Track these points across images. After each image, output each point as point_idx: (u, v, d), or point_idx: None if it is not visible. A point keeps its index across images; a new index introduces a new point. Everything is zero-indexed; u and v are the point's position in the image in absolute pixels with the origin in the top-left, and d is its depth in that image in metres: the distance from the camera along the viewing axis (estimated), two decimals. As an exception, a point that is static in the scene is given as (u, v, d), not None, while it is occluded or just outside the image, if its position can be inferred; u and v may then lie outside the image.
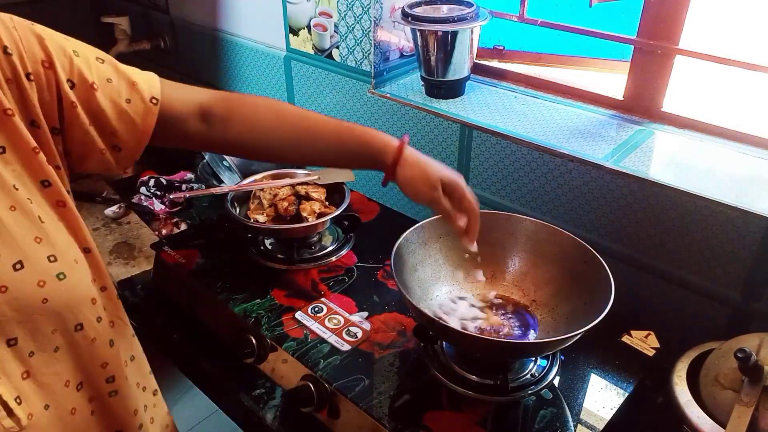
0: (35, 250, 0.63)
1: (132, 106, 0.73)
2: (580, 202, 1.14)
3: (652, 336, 1.05)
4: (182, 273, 1.21)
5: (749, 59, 1.04)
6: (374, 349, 1.01)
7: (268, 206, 1.27)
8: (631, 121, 1.19)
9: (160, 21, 1.97)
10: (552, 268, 1.02)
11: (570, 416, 0.91)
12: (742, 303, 1.01)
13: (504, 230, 1.06)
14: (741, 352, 0.77)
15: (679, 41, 1.11)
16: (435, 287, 1.05)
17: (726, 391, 0.82)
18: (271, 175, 1.34)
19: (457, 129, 1.27)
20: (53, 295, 0.64)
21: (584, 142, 1.13)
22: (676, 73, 1.14)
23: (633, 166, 1.05)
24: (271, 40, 1.60)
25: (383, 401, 0.92)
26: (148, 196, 1.54)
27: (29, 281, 0.62)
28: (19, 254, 0.62)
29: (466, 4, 1.29)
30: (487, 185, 1.28)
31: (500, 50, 1.50)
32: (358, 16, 1.35)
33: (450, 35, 1.24)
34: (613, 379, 0.98)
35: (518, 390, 0.92)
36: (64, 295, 0.66)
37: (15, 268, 0.61)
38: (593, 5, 1.30)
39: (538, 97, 1.31)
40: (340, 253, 1.26)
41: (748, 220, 0.95)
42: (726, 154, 1.08)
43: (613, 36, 1.20)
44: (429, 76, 1.31)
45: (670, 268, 1.07)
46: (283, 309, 1.10)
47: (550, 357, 0.99)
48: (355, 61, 1.40)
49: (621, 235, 1.11)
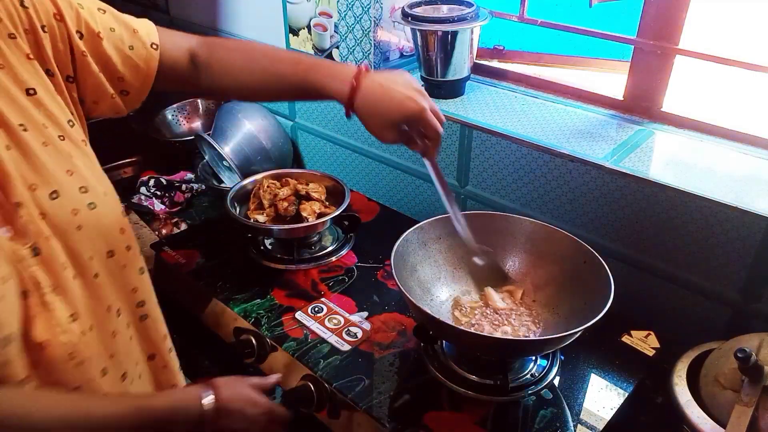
0: (68, 182, 0.68)
1: (135, 52, 0.78)
2: (580, 202, 1.14)
3: (652, 336, 1.05)
4: (182, 273, 1.21)
5: (749, 59, 1.04)
6: (374, 349, 1.01)
7: (268, 206, 1.27)
8: (631, 121, 1.19)
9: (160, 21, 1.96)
10: (552, 268, 1.02)
11: (570, 416, 0.91)
12: (742, 303, 1.01)
13: (504, 230, 1.06)
14: (741, 352, 0.76)
15: (679, 41, 1.11)
16: (435, 287, 1.05)
17: (726, 391, 0.82)
18: (271, 175, 1.34)
19: (457, 129, 1.27)
20: (86, 223, 0.69)
21: (584, 142, 1.13)
22: (676, 73, 1.14)
23: (633, 166, 1.05)
24: (271, 40, 1.60)
25: (383, 401, 0.92)
26: (148, 196, 1.54)
27: (65, 209, 0.67)
28: (54, 185, 0.66)
29: (466, 4, 1.29)
30: (487, 185, 1.28)
31: (500, 50, 1.50)
32: (358, 16, 1.35)
33: (450, 35, 1.24)
34: (613, 379, 0.98)
35: (518, 390, 0.92)
36: (96, 222, 0.70)
37: (51, 197, 0.66)
38: (593, 5, 1.30)
39: (538, 97, 1.31)
40: (340, 253, 1.26)
41: (748, 220, 0.95)
42: (726, 154, 1.08)
43: (613, 36, 1.20)
44: (429, 76, 1.31)
45: (670, 268, 1.07)
46: (283, 309, 1.10)
47: (550, 357, 0.99)
48: (355, 61, 1.40)
49: (621, 235, 1.11)
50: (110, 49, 0.75)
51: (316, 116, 1.59)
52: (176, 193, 1.55)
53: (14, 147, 0.64)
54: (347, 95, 0.81)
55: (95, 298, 0.71)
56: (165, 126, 1.84)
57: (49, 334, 0.65)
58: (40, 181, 0.65)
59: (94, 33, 0.74)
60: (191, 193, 1.57)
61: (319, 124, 1.59)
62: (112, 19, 0.77)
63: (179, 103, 1.87)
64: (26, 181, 0.64)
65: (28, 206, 0.64)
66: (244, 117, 1.56)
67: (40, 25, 0.68)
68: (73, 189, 0.68)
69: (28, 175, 0.65)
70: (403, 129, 0.84)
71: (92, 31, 0.73)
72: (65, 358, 0.67)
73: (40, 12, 0.68)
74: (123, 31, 0.77)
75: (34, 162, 0.65)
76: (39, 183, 0.65)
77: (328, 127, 1.57)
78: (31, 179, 0.65)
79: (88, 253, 0.70)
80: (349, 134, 1.52)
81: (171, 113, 1.86)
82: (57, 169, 0.67)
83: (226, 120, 1.57)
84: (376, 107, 0.81)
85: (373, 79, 0.82)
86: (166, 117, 1.85)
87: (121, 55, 0.77)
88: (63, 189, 0.67)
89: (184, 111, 1.88)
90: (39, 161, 0.66)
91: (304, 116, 1.62)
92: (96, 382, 0.71)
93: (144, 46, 0.79)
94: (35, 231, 0.64)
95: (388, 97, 0.81)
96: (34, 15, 0.67)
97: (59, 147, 0.68)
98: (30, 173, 0.65)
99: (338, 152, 1.57)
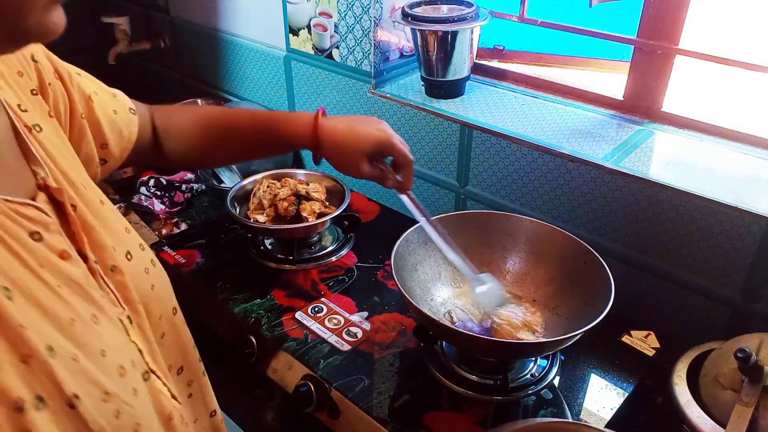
0: (131, 240, 0.64)
1: (119, 116, 0.74)
2: (580, 202, 1.14)
3: (652, 336, 1.05)
4: (182, 273, 1.21)
5: (749, 59, 1.04)
6: (374, 349, 1.01)
7: (268, 206, 1.27)
8: (631, 121, 1.19)
9: (160, 21, 1.97)
10: (552, 268, 1.02)
11: (570, 416, 0.91)
12: (742, 303, 1.01)
13: (504, 230, 1.06)
14: (741, 352, 0.77)
15: (679, 41, 1.11)
16: (435, 287, 1.05)
17: (726, 391, 0.82)
18: (271, 175, 1.35)
19: (457, 129, 1.27)
20: (156, 281, 0.65)
21: (584, 142, 1.13)
22: (676, 73, 1.14)
23: (633, 166, 1.05)
24: (271, 40, 1.60)
25: (383, 401, 0.92)
26: (148, 196, 1.54)
27: (139, 269, 0.62)
28: (125, 245, 0.62)
29: (466, 4, 1.29)
30: (487, 185, 1.28)
31: (500, 50, 1.50)
32: (358, 16, 1.35)
33: (450, 35, 1.24)
34: (613, 379, 0.98)
35: (518, 390, 0.92)
36: (161, 280, 0.67)
37: (127, 258, 0.61)
38: (593, 5, 1.30)
39: (538, 97, 1.31)
40: (340, 253, 1.26)
41: (748, 220, 0.95)
42: (726, 154, 1.08)
43: (613, 36, 1.20)
44: (429, 76, 1.31)
45: (670, 268, 1.07)
46: (283, 309, 1.10)
47: (550, 357, 0.99)
48: (355, 61, 1.40)
49: (621, 235, 1.11)
50: (100, 113, 0.71)
51: (316, 116, 1.58)
52: (176, 193, 1.55)
53: (86, 207, 0.58)
54: (311, 139, 0.80)
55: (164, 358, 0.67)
56: (165, 126, 1.84)
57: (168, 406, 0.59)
58: (114, 242, 0.60)
59: (86, 95, 0.69)
60: (191, 193, 1.57)
61: (319, 124, 1.59)
62: (91, 83, 0.72)
63: (179, 103, 1.87)
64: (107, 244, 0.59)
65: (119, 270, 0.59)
66: (244, 117, 1.56)
67: (48, 82, 0.63)
68: (136, 248, 0.63)
69: (105, 238, 0.59)
70: (374, 163, 0.83)
71: (84, 93, 0.69)
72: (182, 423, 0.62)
73: (45, 69, 0.63)
74: (105, 96, 0.73)
75: (105, 223, 0.60)
76: (115, 245, 0.60)
77: (328, 127, 1.56)
78: (109, 241, 0.59)
79: (159, 313, 0.65)
80: (349, 134, 1.52)
81: (171, 113, 1.86)
82: (119, 228, 0.63)
83: (226, 120, 1.57)
84: (344, 143, 0.81)
85: (334, 120, 0.82)
86: (166, 117, 1.85)
87: (108, 119, 0.72)
88: (131, 249, 0.62)
89: (184, 111, 1.88)
90: (107, 220, 0.60)
91: (304, 116, 1.62)
92: None
93: (125, 111, 0.75)
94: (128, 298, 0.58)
95: (352, 133, 0.81)
96: (43, 70, 0.63)
97: (110, 204, 0.64)
98: (106, 235, 0.59)
99: (338, 152, 1.57)
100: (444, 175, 1.35)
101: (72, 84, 0.67)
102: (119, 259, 0.59)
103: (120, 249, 0.60)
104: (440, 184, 1.36)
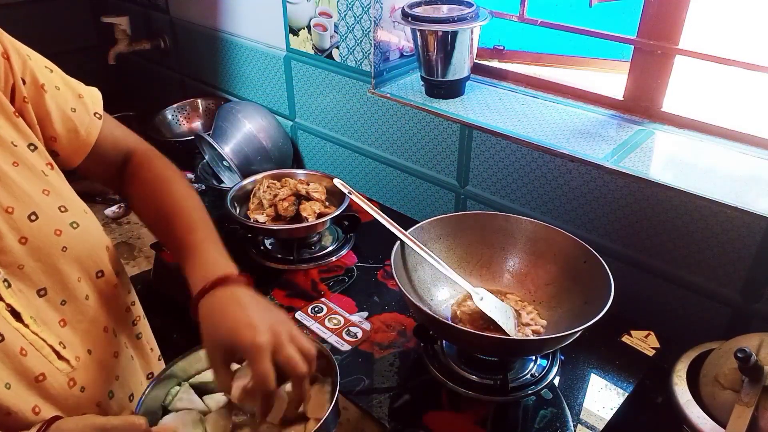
0: (46, 202, 0.65)
1: (77, 115, 0.74)
2: (580, 202, 1.14)
3: (652, 336, 1.05)
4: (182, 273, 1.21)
5: (749, 59, 1.04)
6: (374, 349, 1.01)
7: (268, 206, 1.27)
8: (631, 121, 1.19)
9: (160, 21, 1.97)
10: (552, 268, 1.02)
11: (570, 416, 0.91)
12: (742, 303, 1.01)
13: (504, 230, 1.06)
14: (741, 352, 0.77)
15: (679, 41, 1.11)
16: (435, 287, 1.05)
17: (726, 391, 0.82)
18: (271, 175, 1.34)
19: (457, 129, 1.27)
20: (71, 243, 0.66)
21: (584, 142, 1.13)
22: (676, 73, 1.14)
23: (633, 166, 1.05)
24: (271, 40, 1.60)
25: (383, 401, 0.92)
26: (148, 196, 1.54)
27: (46, 231, 0.64)
28: (32, 206, 0.63)
29: (466, 4, 1.29)
30: (487, 185, 1.28)
31: (500, 50, 1.50)
32: (358, 16, 1.35)
33: (450, 35, 1.24)
34: (613, 379, 0.98)
35: (518, 390, 0.92)
36: (81, 242, 0.68)
37: (30, 219, 0.63)
38: (593, 5, 1.30)
39: (538, 97, 1.31)
40: (340, 253, 1.26)
41: (748, 220, 0.95)
42: (726, 154, 1.08)
43: (613, 36, 1.20)
44: (429, 76, 1.31)
45: (670, 268, 1.07)
46: (283, 309, 1.10)
47: (550, 357, 0.99)
48: (355, 61, 1.40)
49: (621, 235, 1.11)
50: (51, 104, 0.71)
51: (316, 116, 1.59)
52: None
53: None
54: (196, 295, 0.70)
55: (90, 320, 0.69)
56: (165, 126, 1.84)
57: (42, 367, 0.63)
58: (16, 203, 0.62)
59: (38, 83, 0.70)
60: (191, 193, 1.57)
61: (319, 124, 1.59)
62: (59, 78, 0.73)
63: (179, 103, 1.87)
64: (1, 205, 0.61)
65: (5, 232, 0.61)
66: (244, 117, 1.57)
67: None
68: (52, 209, 0.65)
69: (3, 198, 0.61)
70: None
71: (36, 81, 0.69)
72: (65, 386, 0.65)
73: None
74: (68, 93, 0.73)
75: (7, 183, 0.62)
76: (15, 205, 0.62)
77: (328, 127, 1.57)
78: (6, 202, 0.62)
79: (76, 275, 0.67)
80: (349, 134, 1.52)
81: (171, 113, 1.86)
82: (32, 189, 0.64)
83: (226, 120, 1.57)
84: (212, 316, 0.66)
85: (233, 290, 0.68)
86: (166, 117, 1.85)
87: (61, 114, 0.72)
88: (41, 210, 0.64)
89: (184, 111, 1.88)
90: (12, 182, 0.62)
91: (304, 116, 1.62)
92: (103, 406, 0.70)
93: (87, 112, 0.75)
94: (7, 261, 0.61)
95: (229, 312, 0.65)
96: None
97: (30, 166, 0.65)
98: (5, 195, 0.62)
99: (338, 152, 1.57)
100: (444, 175, 1.35)
101: (25, 67, 0.68)
102: (18, 220, 0.61)
103: (22, 211, 0.62)
104: (440, 184, 1.36)
